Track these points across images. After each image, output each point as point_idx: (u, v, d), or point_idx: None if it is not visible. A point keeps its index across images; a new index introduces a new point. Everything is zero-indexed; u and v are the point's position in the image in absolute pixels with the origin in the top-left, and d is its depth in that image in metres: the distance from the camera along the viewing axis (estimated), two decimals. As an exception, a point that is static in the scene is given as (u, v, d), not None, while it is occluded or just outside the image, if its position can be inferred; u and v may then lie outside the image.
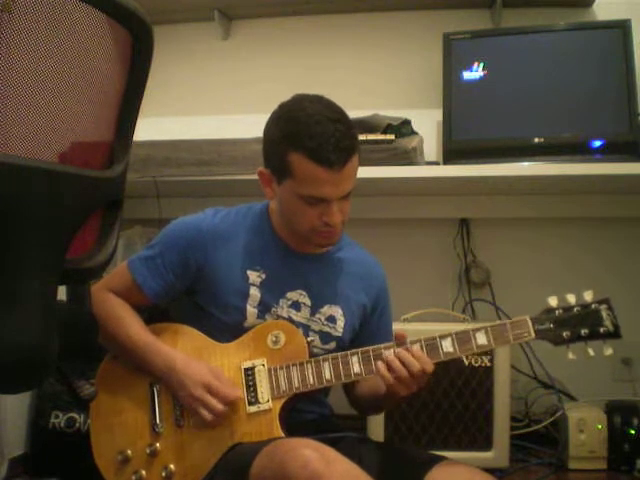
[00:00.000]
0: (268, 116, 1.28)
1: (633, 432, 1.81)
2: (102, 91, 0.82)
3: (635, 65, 1.93)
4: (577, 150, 1.90)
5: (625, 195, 2.09)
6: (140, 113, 0.87)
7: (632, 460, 1.79)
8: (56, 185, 0.75)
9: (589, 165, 1.81)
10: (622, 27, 1.94)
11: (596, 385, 2.04)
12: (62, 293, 0.94)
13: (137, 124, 0.88)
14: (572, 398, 2.07)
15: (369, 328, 1.42)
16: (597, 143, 1.91)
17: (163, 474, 1.24)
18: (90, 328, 1.34)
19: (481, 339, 1.23)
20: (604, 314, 1.22)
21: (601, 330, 1.21)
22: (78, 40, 0.75)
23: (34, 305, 0.77)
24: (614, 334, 1.21)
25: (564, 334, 1.22)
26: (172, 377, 1.25)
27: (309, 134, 1.18)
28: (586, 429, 1.82)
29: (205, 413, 1.21)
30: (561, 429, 1.90)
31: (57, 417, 1.81)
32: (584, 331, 1.22)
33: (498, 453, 1.78)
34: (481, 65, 2.01)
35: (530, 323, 1.23)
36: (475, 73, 2.02)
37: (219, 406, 1.21)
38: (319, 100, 1.24)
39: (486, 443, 1.79)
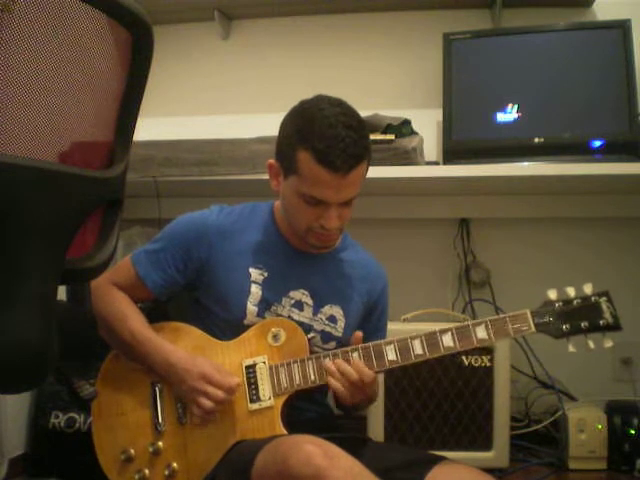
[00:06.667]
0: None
1: (633, 432, 1.81)
2: (102, 91, 0.82)
3: (635, 65, 1.93)
4: (577, 150, 1.90)
5: (625, 195, 2.09)
6: (140, 113, 0.87)
7: (632, 460, 1.79)
8: (56, 185, 0.75)
9: (589, 165, 1.81)
10: (622, 27, 1.94)
11: (596, 385, 2.04)
12: (62, 293, 0.94)
13: (137, 124, 0.88)
14: (572, 398, 2.07)
15: (367, 328, 1.42)
16: (597, 143, 1.91)
17: (166, 472, 1.24)
18: (90, 328, 1.34)
19: (481, 333, 1.23)
20: (604, 306, 1.22)
21: (601, 322, 1.22)
22: (78, 40, 0.75)
23: (34, 305, 0.77)
24: (614, 326, 1.22)
25: (564, 327, 1.22)
26: (172, 372, 1.25)
27: (320, 135, 1.18)
28: (586, 429, 1.82)
29: (205, 401, 1.21)
30: (561, 429, 1.90)
31: (57, 417, 1.81)
32: (584, 324, 1.22)
33: (498, 453, 1.78)
34: (481, 65, 2.01)
35: (530, 316, 1.23)
36: (475, 73, 2.02)
37: (219, 393, 1.21)
38: (339, 103, 1.24)
39: (486, 443, 1.79)
